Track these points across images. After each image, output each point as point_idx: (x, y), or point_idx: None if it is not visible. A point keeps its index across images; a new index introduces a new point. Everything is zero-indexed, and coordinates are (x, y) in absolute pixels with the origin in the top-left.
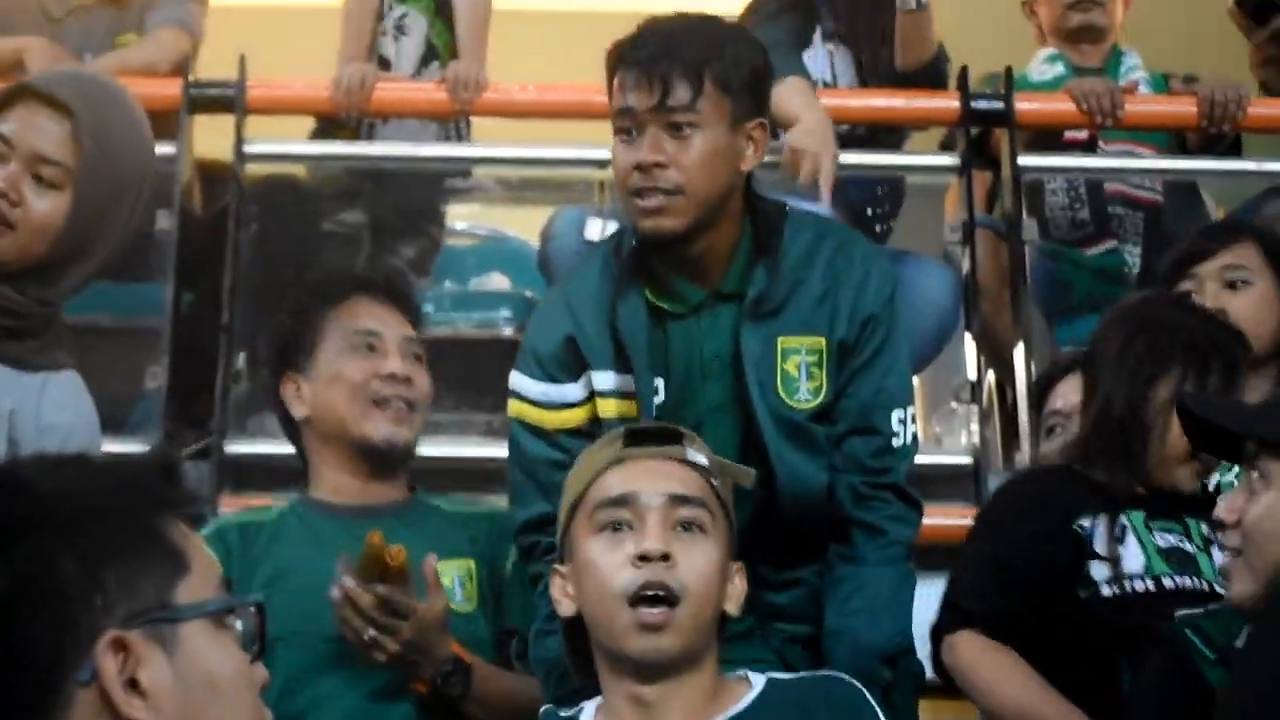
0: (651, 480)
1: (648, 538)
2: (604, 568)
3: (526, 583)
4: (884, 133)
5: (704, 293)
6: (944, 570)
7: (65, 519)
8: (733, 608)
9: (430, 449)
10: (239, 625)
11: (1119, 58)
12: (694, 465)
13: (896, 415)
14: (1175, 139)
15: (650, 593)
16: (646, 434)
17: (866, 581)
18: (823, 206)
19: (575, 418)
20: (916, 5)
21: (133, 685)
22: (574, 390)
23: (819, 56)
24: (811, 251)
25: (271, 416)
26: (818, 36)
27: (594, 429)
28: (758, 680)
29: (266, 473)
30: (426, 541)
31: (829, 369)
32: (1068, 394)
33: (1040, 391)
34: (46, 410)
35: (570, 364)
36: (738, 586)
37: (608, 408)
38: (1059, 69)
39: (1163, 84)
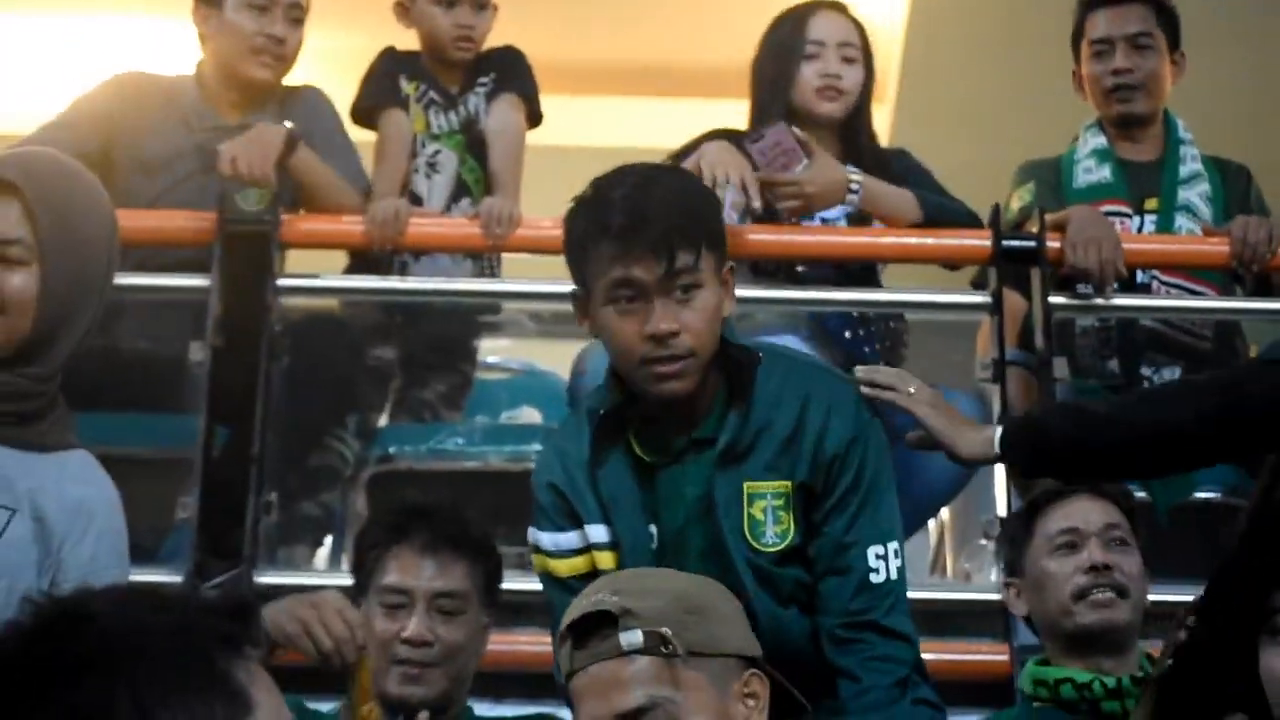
0: (596, 704)
1: None
2: None
3: None
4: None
5: (685, 440)
6: (975, 707)
7: (126, 658)
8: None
9: None
10: None
11: (1176, 148)
12: (638, 652)
13: (874, 551)
14: (1233, 275)
15: None
16: (584, 629)
17: None
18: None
19: (583, 564)
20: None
21: None
22: (575, 539)
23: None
24: (780, 394)
25: (301, 548)
26: None
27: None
28: None
29: None
30: None
31: (795, 512)
32: (1083, 512)
33: (1030, 515)
34: (69, 486)
35: (566, 513)
36: (756, 696)
37: (604, 560)
38: (1105, 173)
39: (1216, 172)
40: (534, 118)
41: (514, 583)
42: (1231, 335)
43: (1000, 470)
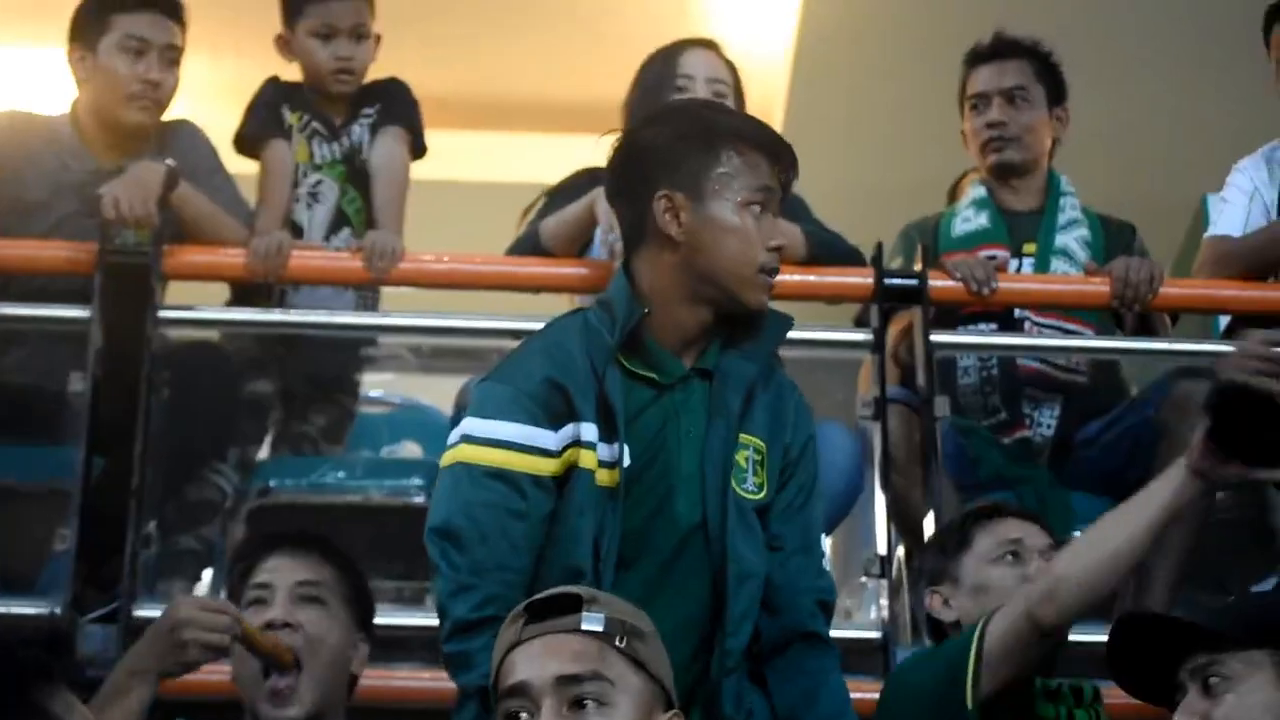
0: (542, 663)
1: None
2: None
3: None
4: None
5: (685, 368)
6: None
7: None
8: None
9: None
10: None
11: (1057, 198)
12: (591, 633)
13: (823, 539)
14: (1112, 316)
15: None
16: (545, 608)
17: (835, 689)
18: None
19: (547, 466)
20: None
21: None
22: (552, 439)
23: None
24: (772, 366)
25: (180, 581)
26: None
27: (557, 487)
28: None
29: None
30: None
31: (769, 473)
32: (1027, 530)
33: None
34: None
35: (555, 409)
36: None
37: (588, 459)
38: (983, 220)
39: (1098, 224)
40: (418, 151)
41: (393, 617)
42: (1111, 373)
43: (880, 508)
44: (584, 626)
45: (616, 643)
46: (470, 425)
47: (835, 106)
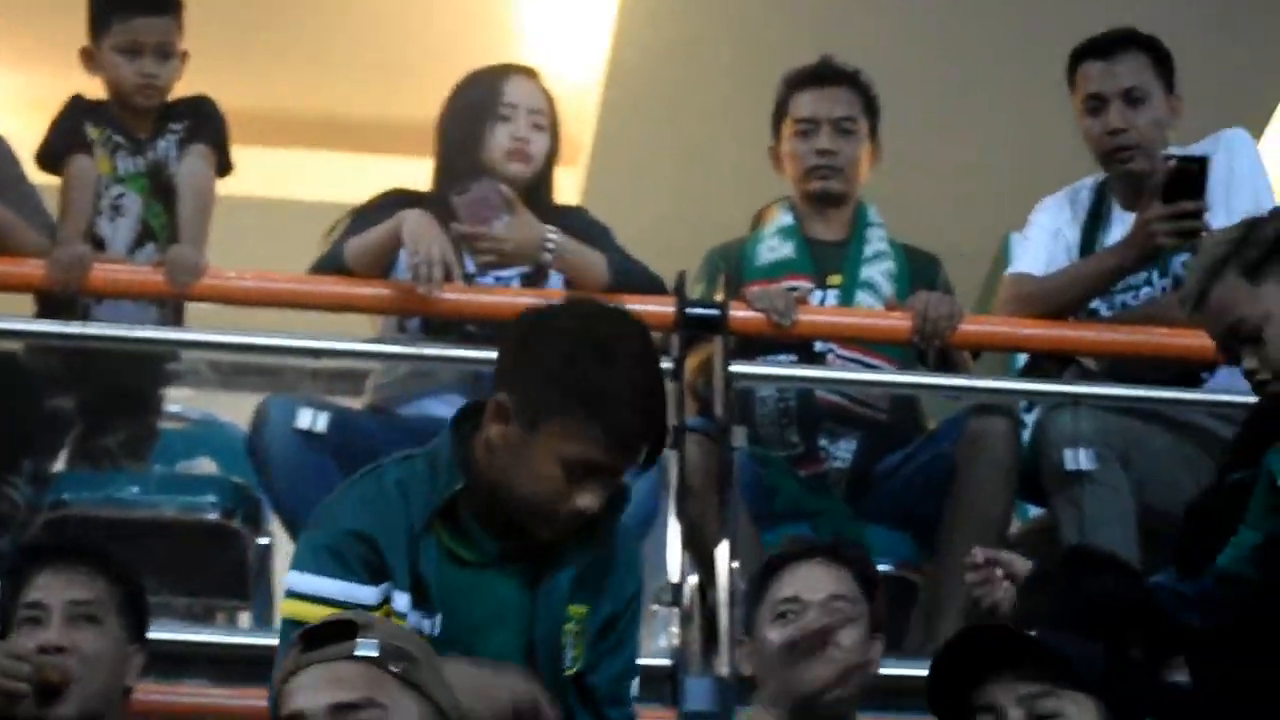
0: (316, 692)
1: None
2: None
3: None
4: None
5: (501, 546)
6: None
7: None
8: None
9: None
10: None
11: (864, 230)
12: (367, 659)
13: (634, 686)
14: (915, 351)
15: None
16: (320, 636)
17: None
18: None
19: None
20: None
21: None
22: (371, 594)
23: None
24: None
25: None
26: None
27: None
28: None
29: None
30: None
31: (586, 640)
32: (809, 580)
33: (765, 575)
34: None
35: (370, 563)
36: None
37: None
38: (789, 249)
39: (903, 256)
40: (223, 168)
41: (183, 634)
42: (910, 408)
43: (674, 536)
44: (358, 653)
45: (391, 668)
46: (293, 580)
47: (645, 135)
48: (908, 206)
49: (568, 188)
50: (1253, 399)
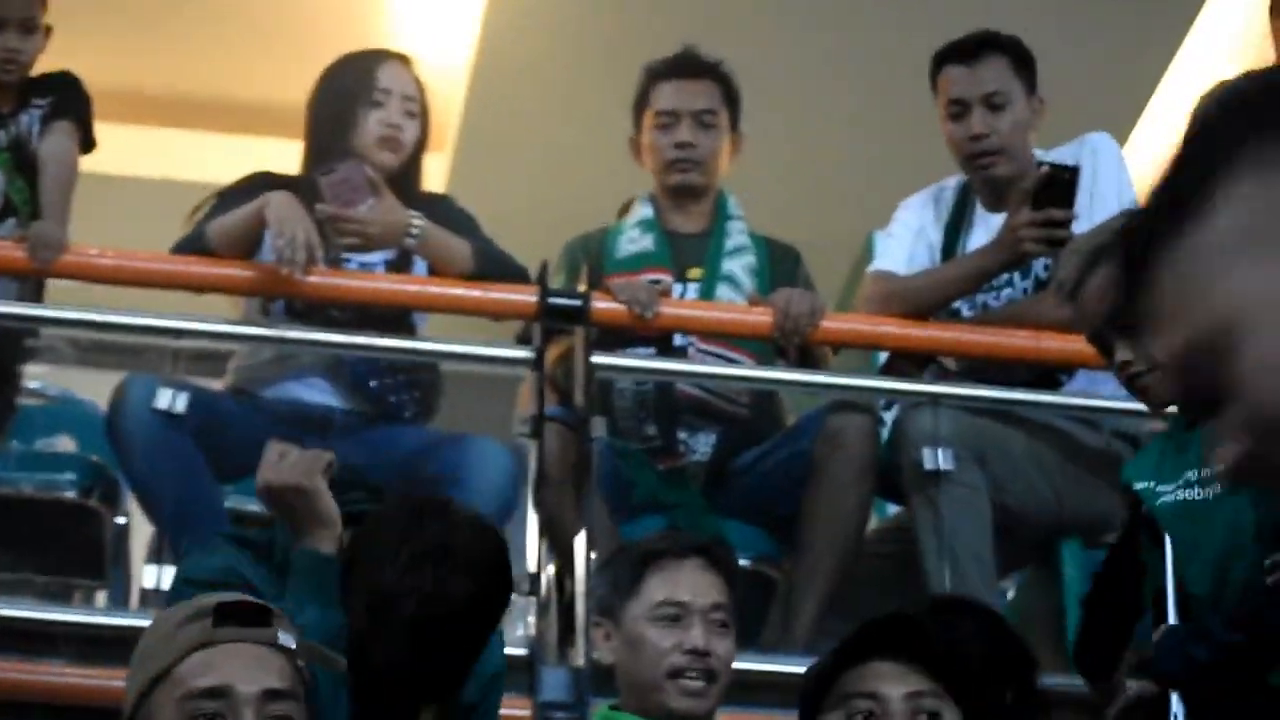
0: (247, 672)
1: None
2: None
3: None
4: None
5: None
6: None
7: None
8: None
9: None
10: None
11: (725, 223)
12: (285, 650)
13: None
14: (775, 346)
15: None
16: (233, 612)
17: None
18: None
19: None
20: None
21: None
22: None
23: None
24: None
25: None
26: None
27: None
28: None
29: None
30: None
31: None
32: (692, 585)
33: (639, 568)
34: None
35: None
36: None
37: None
38: (648, 242)
39: (764, 249)
40: (87, 145)
41: (40, 612)
42: (770, 403)
43: (533, 526)
44: (280, 642)
45: (298, 663)
46: None
47: (511, 122)
48: (770, 199)
49: (433, 173)
50: (1107, 403)
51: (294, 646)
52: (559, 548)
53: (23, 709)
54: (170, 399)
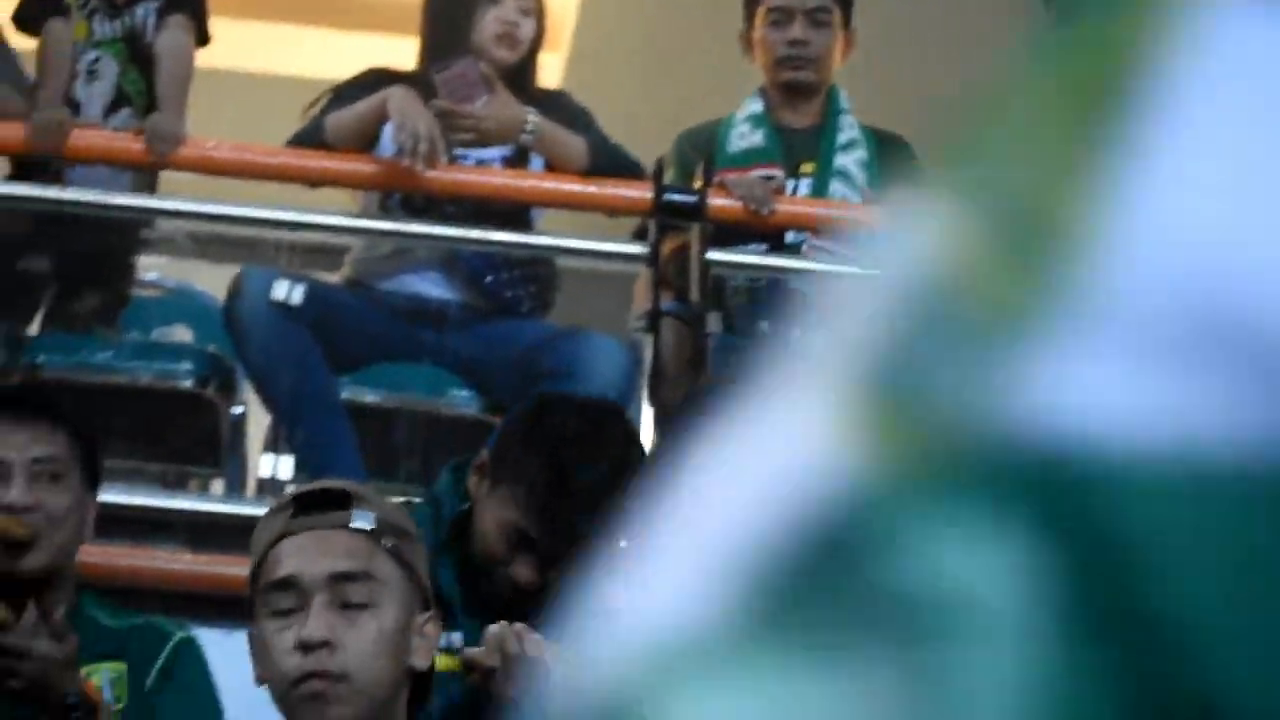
0: (314, 559)
1: (309, 624)
2: (274, 651)
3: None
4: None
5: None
6: None
7: None
8: (421, 661)
9: (103, 495)
10: None
11: (836, 117)
12: (361, 532)
13: None
14: None
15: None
16: (312, 500)
17: None
18: None
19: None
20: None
21: None
22: None
23: None
24: None
25: None
26: None
27: None
28: None
29: None
30: (83, 647)
31: None
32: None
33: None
34: None
35: None
36: (428, 638)
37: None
38: (758, 138)
39: (874, 142)
40: (202, 39)
41: (156, 500)
42: None
43: (648, 419)
44: (354, 524)
45: (384, 543)
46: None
47: (626, 19)
48: (886, 94)
49: (548, 72)
50: None
51: (372, 527)
52: None
53: (138, 595)
54: (287, 290)
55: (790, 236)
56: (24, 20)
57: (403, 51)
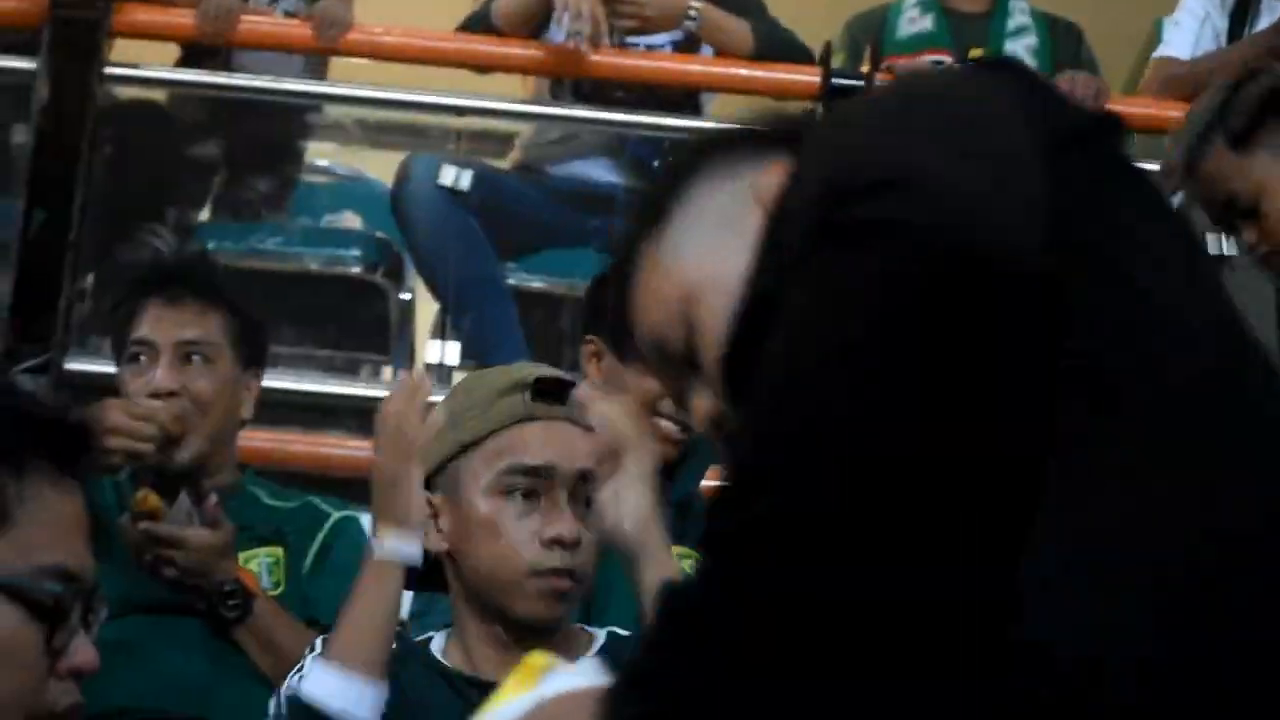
0: (568, 453)
1: (565, 522)
2: (512, 538)
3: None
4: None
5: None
6: None
7: None
8: None
9: (271, 381)
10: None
11: (1006, 2)
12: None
13: None
14: None
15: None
16: (551, 388)
17: None
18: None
19: None
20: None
21: None
22: None
23: None
24: None
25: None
26: None
27: None
28: (599, 633)
29: (106, 391)
30: (243, 527)
31: None
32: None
33: None
34: None
35: None
36: None
37: None
38: (927, 23)
39: (1045, 28)
40: None
41: (325, 385)
42: None
43: None
44: (590, 422)
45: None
46: None
47: None
48: None
49: None
50: None
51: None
52: None
53: (306, 479)
54: (454, 176)
55: None
56: None
57: None
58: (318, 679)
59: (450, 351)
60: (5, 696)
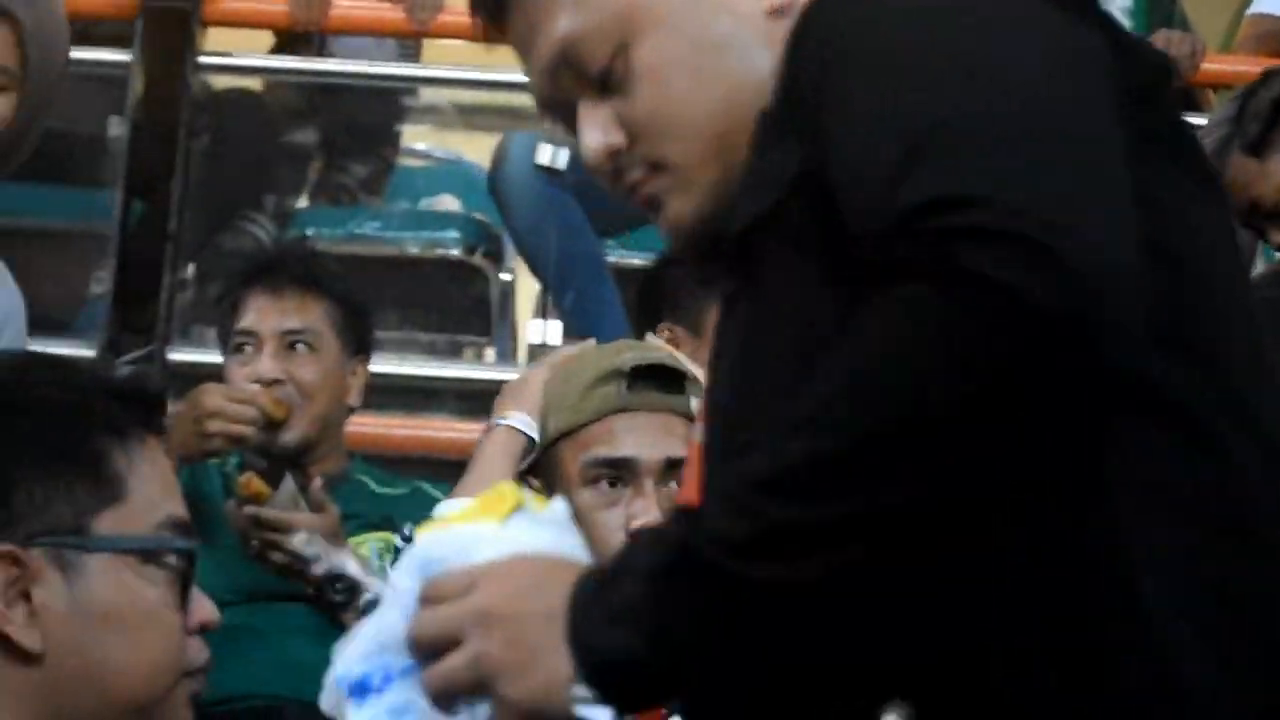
0: (652, 444)
1: (646, 513)
2: (602, 527)
3: None
4: None
5: None
6: None
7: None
8: None
9: (373, 366)
10: (174, 564)
11: None
12: (687, 420)
13: None
14: None
15: None
16: (648, 374)
17: None
18: None
19: None
20: None
21: (26, 599)
22: None
23: None
24: None
25: (214, 328)
26: None
27: None
28: None
29: (210, 380)
30: (352, 514)
31: None
32: None
33: None
34: None
35: None
36: None
37: None
38: None
39: (1143, 3)
40: None
41: (427, 369)
42: None
43: None
44: (691, 410)
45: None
46: None
47: None
48: None
49: None
50: None
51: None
52: None
53: (409, 463)
54: (551, 155)
55: None
56: None
57: None
58: None
59: (552, 331)
60: (162, 661)
